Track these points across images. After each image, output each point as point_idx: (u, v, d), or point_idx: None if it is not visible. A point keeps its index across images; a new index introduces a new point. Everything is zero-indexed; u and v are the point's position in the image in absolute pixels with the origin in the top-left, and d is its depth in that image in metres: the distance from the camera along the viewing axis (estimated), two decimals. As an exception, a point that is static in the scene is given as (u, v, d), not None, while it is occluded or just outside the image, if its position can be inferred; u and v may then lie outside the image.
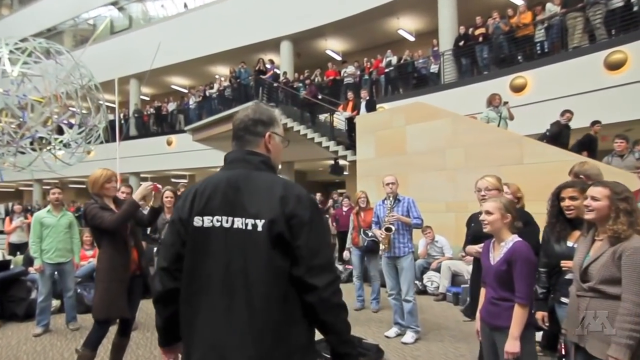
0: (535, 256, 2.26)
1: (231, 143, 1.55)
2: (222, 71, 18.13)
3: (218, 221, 1.39)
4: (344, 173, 12.43)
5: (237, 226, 1.36)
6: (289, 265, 1.35)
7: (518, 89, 9.48)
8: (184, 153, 16.49)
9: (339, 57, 16.47)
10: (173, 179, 19.26)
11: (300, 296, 1.36)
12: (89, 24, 22.05)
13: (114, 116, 13.05)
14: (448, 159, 7.21)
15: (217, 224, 1.38)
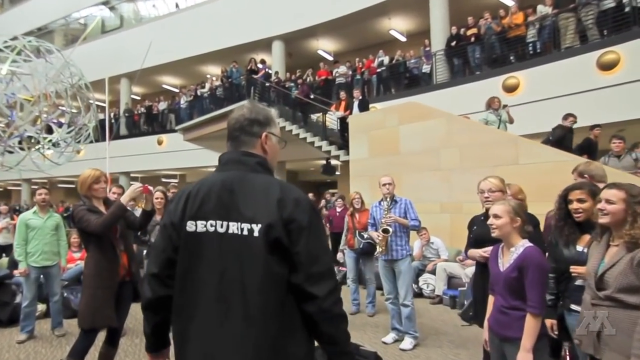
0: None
1: (226, 143, 1.47)
2: (213, 71, 18.03)
3: (212, 226, 1.31)
4: (335, 173, 12.39)
5: (232, 231, 1.29)
6: (287, 272, 1.27)
7: (510, 89, 9.48)
8: (174, 153, 16.42)
9: (330, 57, 16.42)
10: (163, 179, 19.18)
11: (298, 305, 1.29)
12: (80, 23, 21.85)
13: (104, 115, 12.91)
14: (442, 159, 7.15)
15: (211, 228, 1.31)
